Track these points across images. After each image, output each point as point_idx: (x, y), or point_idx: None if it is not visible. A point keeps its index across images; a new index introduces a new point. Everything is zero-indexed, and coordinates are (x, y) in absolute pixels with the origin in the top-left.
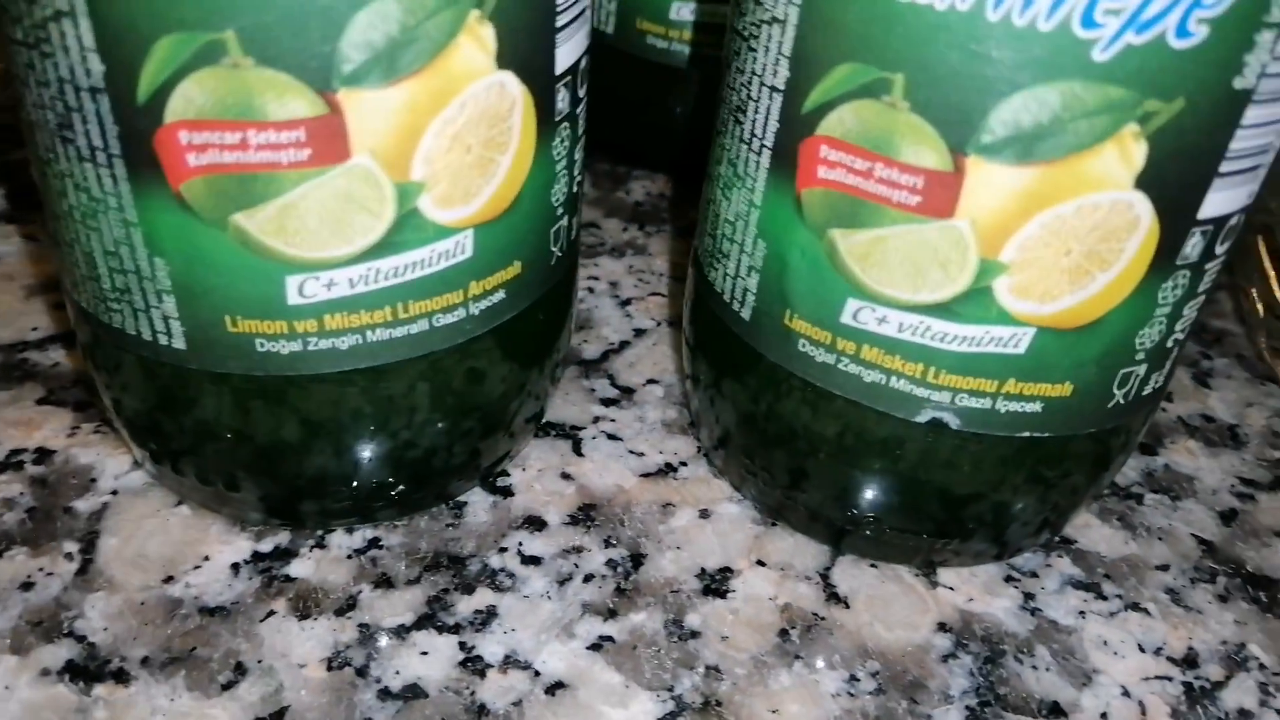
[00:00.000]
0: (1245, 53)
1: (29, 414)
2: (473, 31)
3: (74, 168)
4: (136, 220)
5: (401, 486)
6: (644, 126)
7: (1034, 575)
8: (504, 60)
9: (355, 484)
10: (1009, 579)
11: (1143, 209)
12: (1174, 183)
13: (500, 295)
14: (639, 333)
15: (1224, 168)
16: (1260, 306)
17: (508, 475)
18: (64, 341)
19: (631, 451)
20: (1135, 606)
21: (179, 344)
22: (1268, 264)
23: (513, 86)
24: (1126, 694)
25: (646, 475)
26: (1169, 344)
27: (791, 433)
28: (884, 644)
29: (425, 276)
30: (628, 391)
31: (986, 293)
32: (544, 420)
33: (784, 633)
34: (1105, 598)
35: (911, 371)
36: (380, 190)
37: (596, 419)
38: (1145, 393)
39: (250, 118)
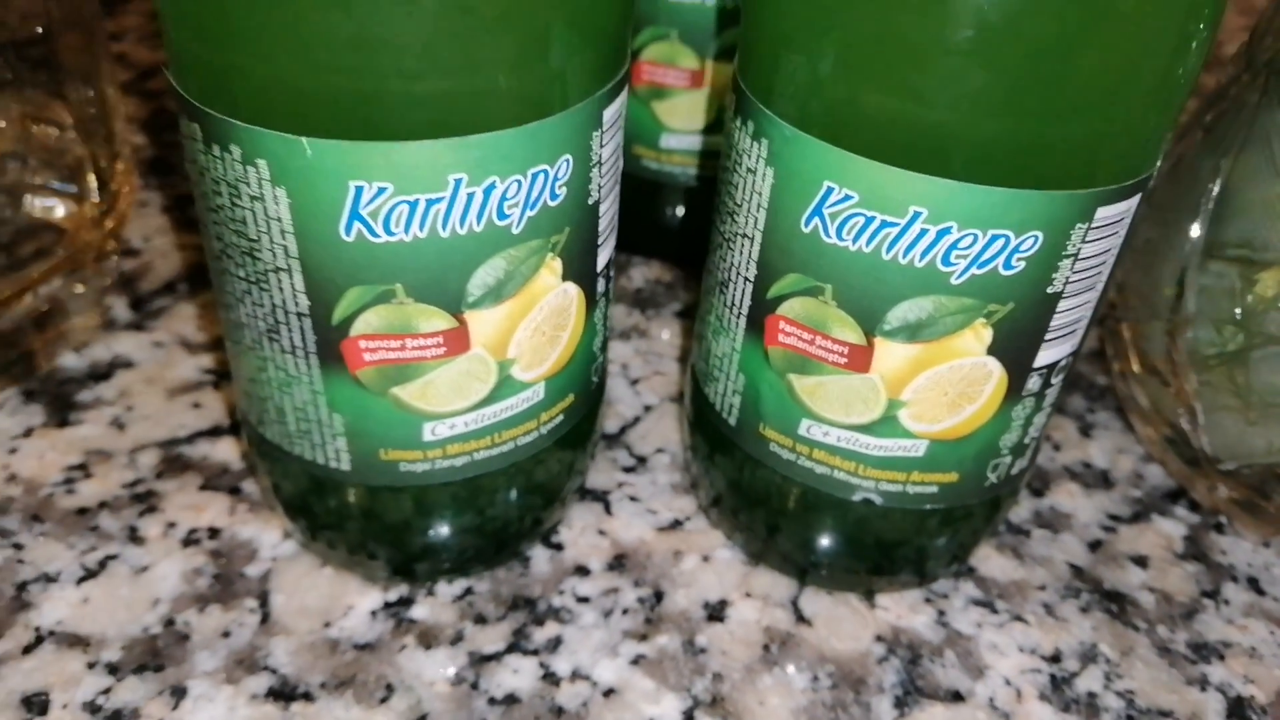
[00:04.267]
0: (1052, 272)
1: (195, 499)
2: (549, 265)
3: (277, 356)
4: (322, 390)
5: (487, 549)
6: (641, 226)
7: (945, 596)
8: (566, 275)
9: (456, 549)
10: (928, 600)
11: (994, 366)
12: (1014, 349)
13: (560, 418)
14: (648, 408)
15: (1048, 336)
16: (1146, 401)
17: (559, 534)
18: (209, 436)
19: (649, 510)
20: (1019, 618)
21: (345, 467)
22: (1134, 361)
23: (571, 290)
24: (1008, 683)
25: (661, 529)
26: (1025, 441)
27: (766, 500)
28: (837, 652)
29: (513, 415)
30: (642, 460)
31: (894, 419)
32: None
33: (766, 647)
34: (997, 612)
35: (847, 468)
36: (488, 367)
37: (620, 484)
38: (1013, 473)
39: (408, 332)
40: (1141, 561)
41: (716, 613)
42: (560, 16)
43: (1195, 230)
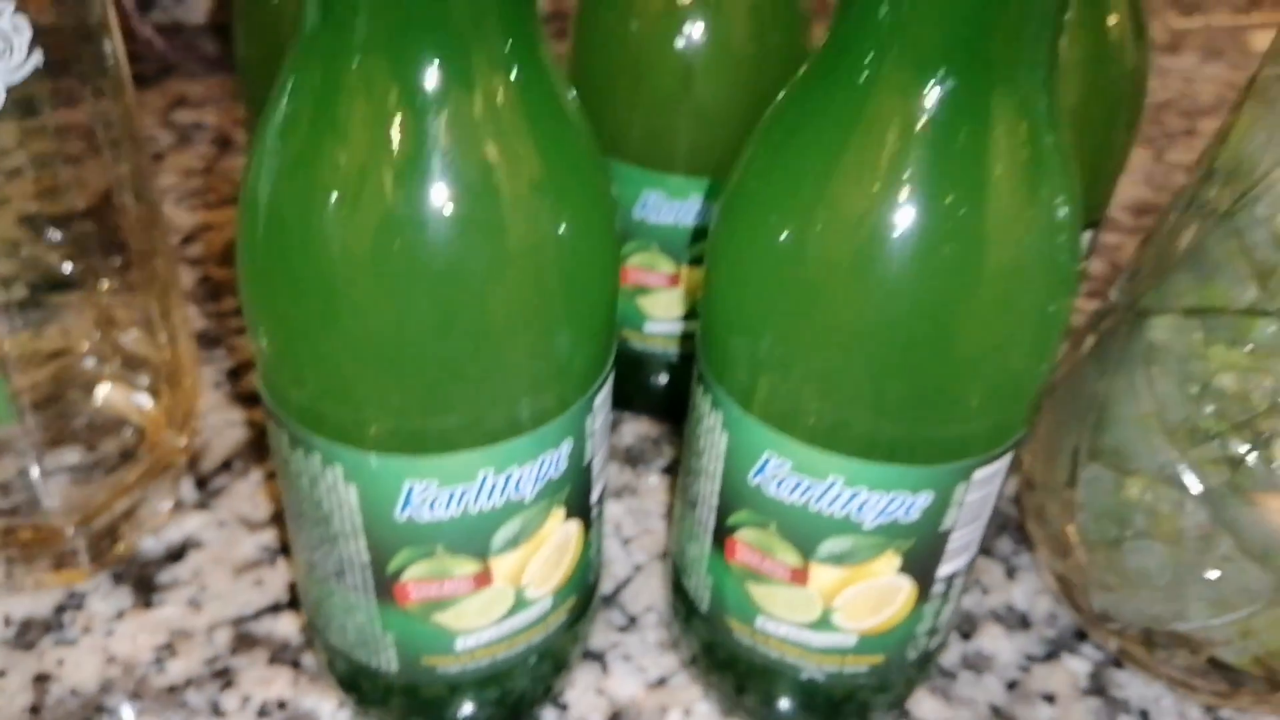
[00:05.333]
0: (943, 517)
1: (264, 673)
2: (553, 514)
3: (341, 589)
4: (377, 616)
5: (507, 716)
6: (631, 389)
7: None
8: (568, 516)
9: (479, 716)
10: None
11: (905, 581)
12: (919, 568)
13: (566, 617)
14: (638, 567)
15: (945, 558)
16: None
17: (564, 694)
18: (271, 612)
19: (639, 668)
20: None
21: (392, 669)
22: (1038, 529)
23: (572, 526)
24: None
25: (650, 685)
26: (937, 627)
27: (733, 665)
28: None
29: (527, 624)
30: (633, 619)
31: (829, 620)
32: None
33: None
34: None
35: (795, 654)
36: (507, 593)
37: (615, 644)
38: (930, 649)
39: (445, 577)
40: (1050, 699)
41: None
42: (563, 368)
43: (1080, 434)
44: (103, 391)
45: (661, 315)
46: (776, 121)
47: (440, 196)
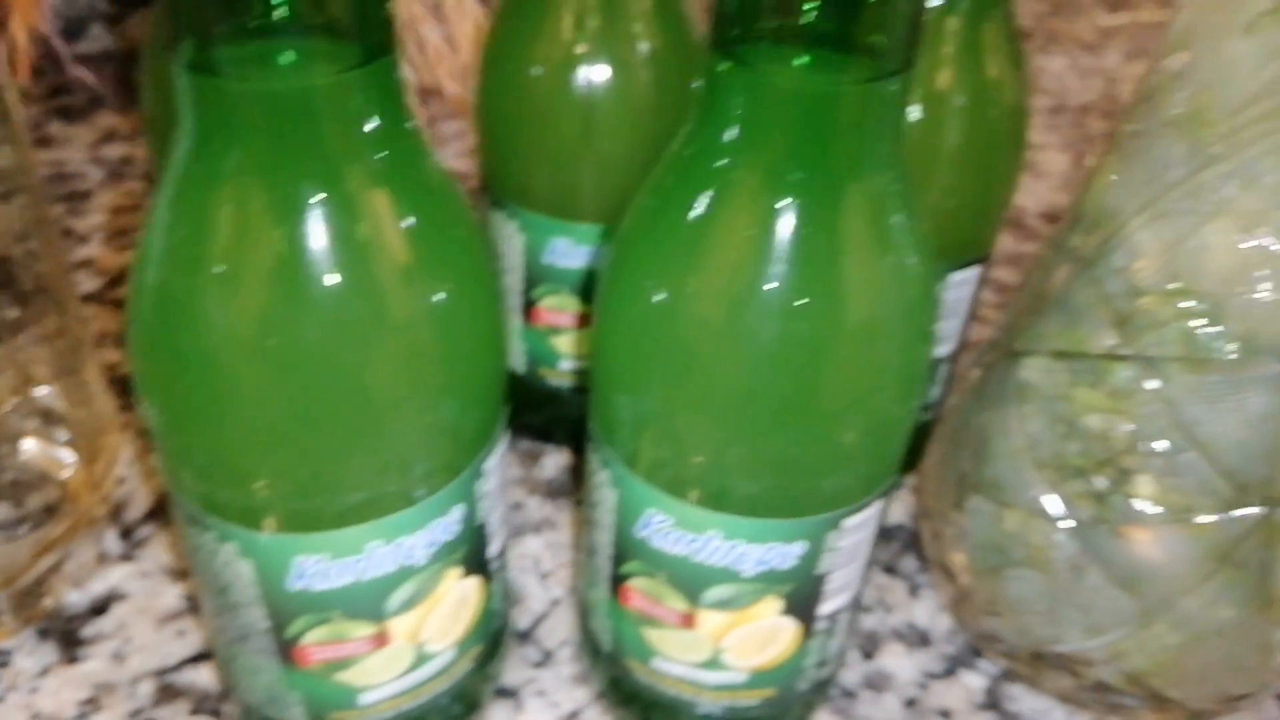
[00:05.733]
0: (818, 562)
1: None
2: (448, 575)
3: (246, 653)
4: (282, 676)
5: None
6: (549, 424)
7: None
8: (465, 575)
9: None
10: None
11: (787, 622)
12: (801, 609)
13: (470, 664)
14: (555, 602)
15: (824, 598)
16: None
17: None
18: (193, 662)
19: (553, 703)
20: None
21: None
22: (931, 552)
23: (469, 582)
24: None
25: (561, 719)
26: (825, 659)
27: (637, 699)
28: None
29: (431, 675)
30: (549, 654)
31: (719, 660)
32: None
33: None
34: None
35: (690, 691)
36: (405, 652)
37: (530, 680)
38: (822, 678)
39: (343, 640)
40: (946, 715)
41: None
42: (447, 441)
43: (964, 465)
44: (25, 447)
45: (573, 353)
46: (652, 190)
47: (314, 283)
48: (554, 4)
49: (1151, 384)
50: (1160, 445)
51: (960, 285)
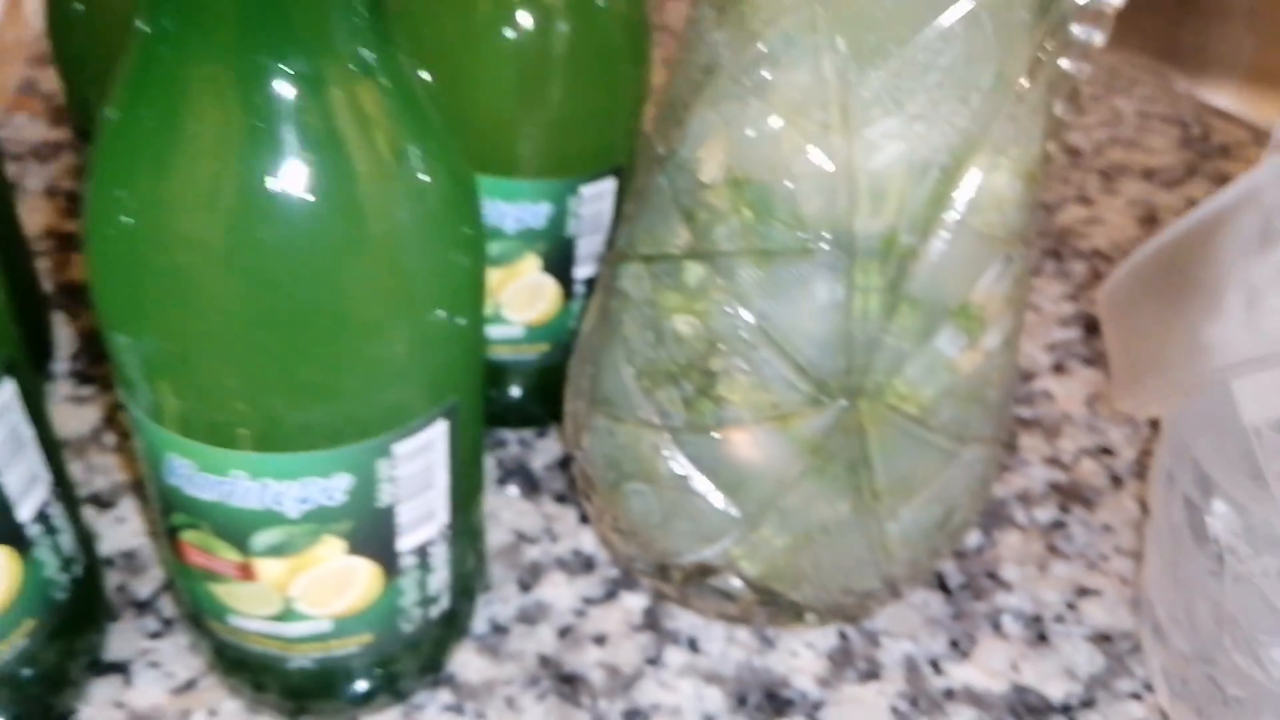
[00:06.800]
0: (376, 495)
1: None
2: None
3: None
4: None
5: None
6: None
7: (421, 708)
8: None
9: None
10: (405, 715)
11: (359, 562)
12: (371, 546)
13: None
14: None
15: (400, 531)
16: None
17: (77, 713)
18: None
19: (167, 674)
20: (482, 716)
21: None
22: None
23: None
24: None
25: (176, 690)
26: (431, 594)
27: (239, 663)
28: None
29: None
30: (168, 623)
31: (294, 610)
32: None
33: None
34: (464, 713)
35: (276, 646)
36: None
37: (144, 652)
38: (434, 616)
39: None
40: (601, 640)
41: None
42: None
43: (585, 383)
44: None
45: None
46: (111, 103)
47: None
48: None
49: (722, 281)
50: (738, 344)
51: (595, 199)
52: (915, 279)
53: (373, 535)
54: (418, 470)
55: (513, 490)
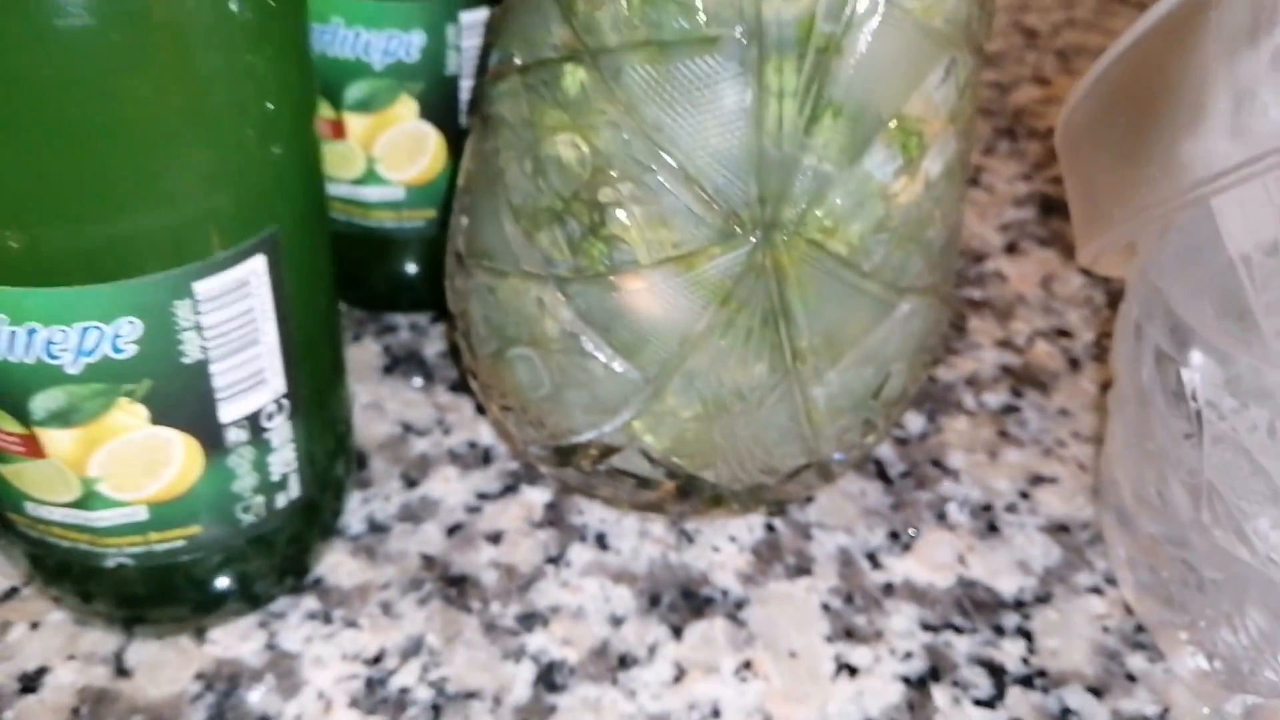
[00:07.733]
0: (174, 346)
1: None
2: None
3: None
4: None
5: None
6: None
7: (282, 616)
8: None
9: None
10: (261, 624)
11: (170, 434)
12: (185, 414)
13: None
14: None
15: (221, 396)
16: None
17: None
18: None
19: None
20: (352, 624)
21: None
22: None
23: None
24: (320, 696)
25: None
26: (274, 479)
27: (60, 570)
28: (151, 700)
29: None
30: None
31: (97, 494)
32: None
33: (76, 710)
34: (331, 622)
35: (84, 539)
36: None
37: None
38: (280, 507)
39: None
40: (496, 538)
41: (31, 683)
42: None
43: (460, 235)
44: None
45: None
46: None
47: None
48: None
49: (608, 87)
50: (630, 168)
51: (479, 29)
52: (839, 80)
53: (182, 401)
54: (232, 318)
55: (401, 379)
